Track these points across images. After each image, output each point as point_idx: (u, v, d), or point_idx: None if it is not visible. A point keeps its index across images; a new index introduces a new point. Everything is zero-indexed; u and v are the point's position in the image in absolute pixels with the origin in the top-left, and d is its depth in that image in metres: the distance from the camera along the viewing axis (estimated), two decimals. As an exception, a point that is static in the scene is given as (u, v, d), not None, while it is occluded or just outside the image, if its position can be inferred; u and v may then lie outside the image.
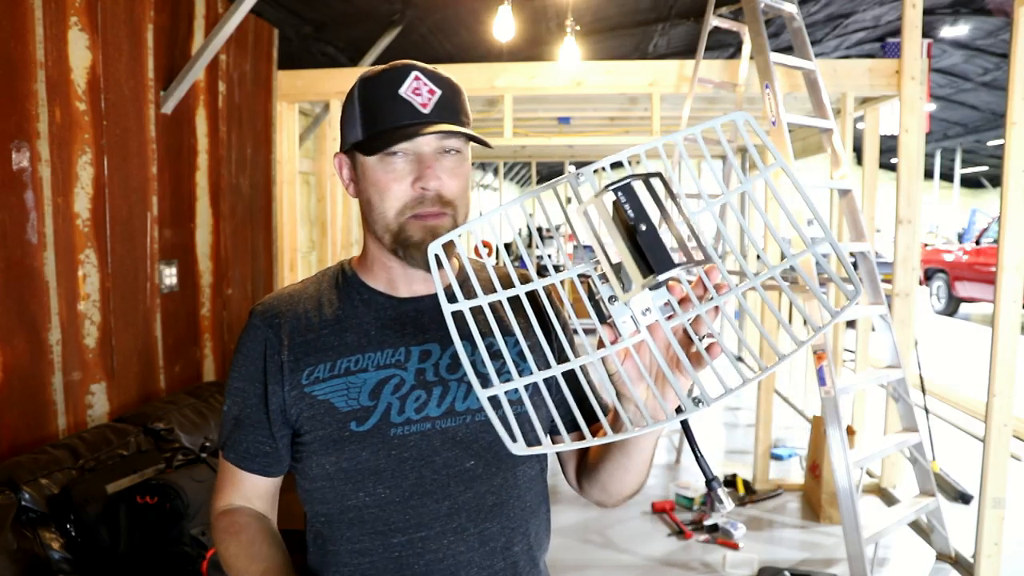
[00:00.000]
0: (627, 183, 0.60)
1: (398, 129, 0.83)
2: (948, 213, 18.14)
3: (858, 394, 3.72)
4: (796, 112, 3.86)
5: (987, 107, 11.14)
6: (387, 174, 0.84)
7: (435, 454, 0.85)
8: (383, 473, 0.84)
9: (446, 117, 0.85)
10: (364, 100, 0.86)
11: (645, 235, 0.58)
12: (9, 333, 2.07)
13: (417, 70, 0.85)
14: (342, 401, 0.85)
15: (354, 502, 0.85)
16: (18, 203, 2.10)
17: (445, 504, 0.85)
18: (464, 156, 0.88)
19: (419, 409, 0.86)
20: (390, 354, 0.88)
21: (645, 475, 0.91)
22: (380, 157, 0.85)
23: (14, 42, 2.06)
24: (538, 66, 3.72)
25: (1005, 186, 2.41)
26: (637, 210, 0.58)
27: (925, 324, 8.61)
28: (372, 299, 0.92)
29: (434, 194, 0.84)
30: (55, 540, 1.83)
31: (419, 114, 0.84)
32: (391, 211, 0.85)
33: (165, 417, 2.46)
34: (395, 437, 0.85)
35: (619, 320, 0.65)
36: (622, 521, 3.27)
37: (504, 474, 0.89)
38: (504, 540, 0.88)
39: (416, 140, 0.83)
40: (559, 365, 0.64)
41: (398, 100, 0.84)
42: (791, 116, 2.83)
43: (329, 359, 0.87)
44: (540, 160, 7.76)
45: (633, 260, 0.58)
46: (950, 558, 2.83)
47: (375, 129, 0.85)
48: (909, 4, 3.13)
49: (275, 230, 3.81)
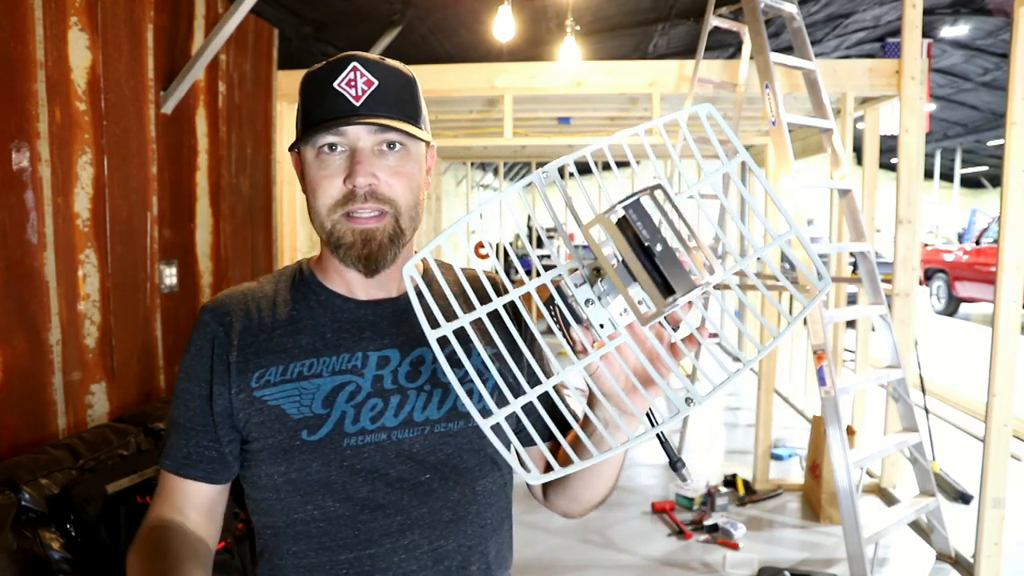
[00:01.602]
0: (637, 200, 0.58)
1: (324, 122, 0.79)
2: (948, 213, 18.14)
3: (858, 394, 3.72)
4: (796, 112, 3.86)
5: (987, 107, 11.14)
6: (320, 171, 0.81)
7: (389, 467, 0.80)
8: (333, 486, 0.79)
9: (381, 110, 0.80)
10: (303, 94, 0.84)
11: (663, 256, 0.57)
12: (9, 333, 2.07)
13: (357, 60, 0.81)
14: (294, 408, 0.80)
15: (301, 515, 0.80)
16: (18, 203, 2.10)
17: (397, 520, 0.80)
18: (409, 152, 0.83)
19: (375, 419, 0.81)
20: (346, 359, 0.83)
21: (616, 479, 0.88)
22: (316, 154, 0.81)
23: (14, 42, 2.06)
24: (538, 66, 3.72)
25: (1005, 186, 2.41)
26: (651, 229, 0.57)
27: (925, 324, 8.61)
28: (329, 301, 0.87)
29: (365, 191, 0.79)
30: (55, 540, 1.83)
31: (350, 106, 0.79)
32: (323, 209, 0.81)
33: (165, 417, 2.46)
34: (348, 448, 0.80)
35: (596, 323, 0.63)
36: (622, 521, 3.27)
37: (462, 488, 0.84)
38: (460, 559, 0.83)
39: (350, 135, 0.80)
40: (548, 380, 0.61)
41: (331, 93, 0.80)
42: (791, 116, 2.83)
43: (281, 362, 0.82)
44: (540, 160, 7.76)
45: (651, 281, 0.57)
46: (950, 558, 2.83)
47: (307, 123, 0.82)
48: (909, 4, 3.13)
49: (275, 230, 3.81)
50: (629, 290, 0.59)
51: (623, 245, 0.58)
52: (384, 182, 0.81)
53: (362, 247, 0.81)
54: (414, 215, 0.84)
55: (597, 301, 0.63)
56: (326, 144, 0.80)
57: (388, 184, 0.81)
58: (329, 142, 0.80)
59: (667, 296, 0.57)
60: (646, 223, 0.58)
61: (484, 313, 0.62)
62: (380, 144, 0.81)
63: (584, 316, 0.63)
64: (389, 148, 0.81)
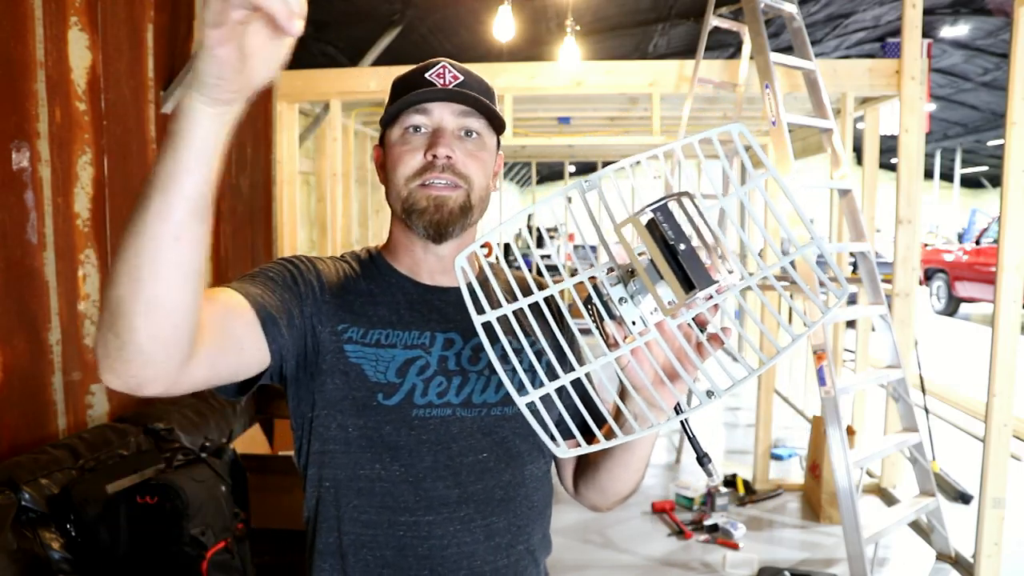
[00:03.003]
0: (664, 204, 0.64)
1: (413, 103, 0.86)
2: (948, 213, 18.14)
3: (858, 394, 3.72)
4: (796, 112, 3.85)
5: (987, 107, 11.15)
6: (403, 146, 0.88)
7: (452, 440, 0.85)
8: (401, 450, 0.84)
9: (465, 96, 0.87)
10: (394, 89, 0.91)
11: (685, 254, 0.63)
12: (9, 333, 2.07)
13: (446, 61, 0.89)
14: (371, 370, 0.85)
15: (367, 472, 0.84)
16: (18, 203, 2.10)
17: (455, 492, 0.85)
18: (484, 142, 0.90)
19: (440, 395, 0.86)
20: (416, 336, 0.88)
21: (643, 473, 0.92)
22: (401, 133, 0.88)
23: (14, 42, 2.06)
24: (538, 66, 3.72)
25: (1005, 186, 2.41)
26: (676, 230, 0.63)
27: (925, 324, 8.61)
28: (400, 281, 0.92)
29: (443, 162, 0.85)
30: (55, 540, 1.83)
31: (436, 89, 0.87)
32: (401, 179, 0.87)
33: (165, 417, 2.46)
34: (416, 418, 0.85)
35: (628, 320, 0.69)
36: (622, 521, 3.27)
37: (513, 471, 0.89)
38: (509, 537, 0.88)
39: (435, 115, 0.87)
40: (582, 367, 0.66)
41: (421, 81, 0.88)
42: (791, 116, 2.83)
43: (362, 325, 0.87)
44: (540, 160, 7.76)
45: (675, 276, 0.63)
46: (950, 558, 2.83)
47: (395, 107, 0.88)
48: (909, 4, 3.13)
49: (275, 230, 3.81)
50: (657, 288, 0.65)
51: (650, 244, 0.64)
52: (461, 160, 0.87)
53: (434, 212, 0.86)
54: (484, 196, 0.90)
55: (630, 299, 0.68)
56: (412, 125, 0.88)
57: (464, 163, 0.87)
58: (415, 123, 0.87)
59: (688, 291, 0.62)
60: (671, 224, 0.63)
61: (526, 304, 0.66)
62: (460, 129, 0.88)
63: (618, 313, 0.69)
64: (467, 135, 0.88)
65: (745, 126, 0.66)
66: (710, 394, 0.64)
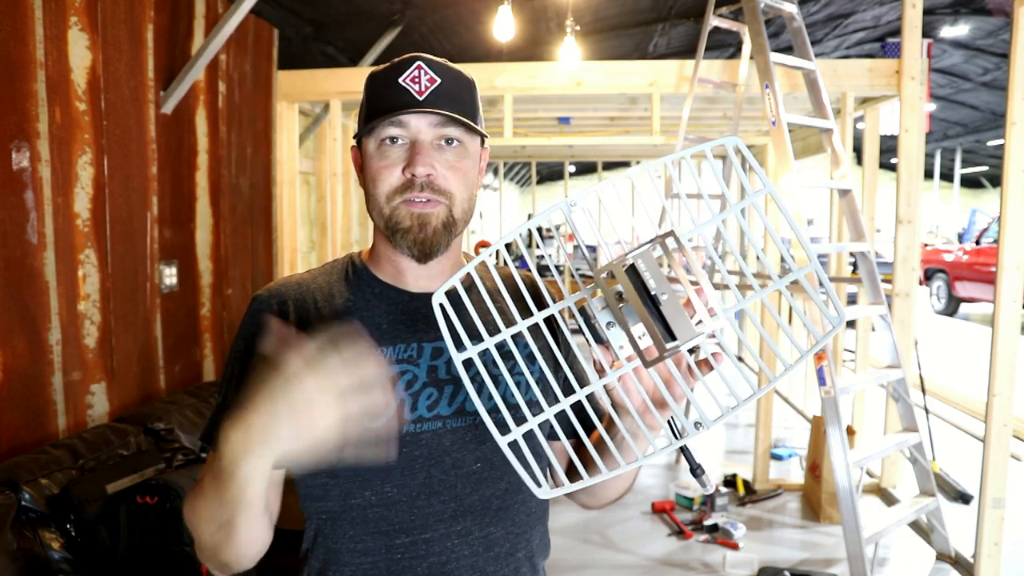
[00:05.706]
0: (646, 251, 0.63)
1: (388, 112, 0.83)
2: (948, 213, 18.15)
3: (858, 394, 3.72)
4: (796, 112, 3.86)
5: (987, 107, 11.15)
6: (381, 161, 0.85)
7: (445, 454, 0.84)
8: (392, 471, 0.82)
9: (442, 105, 0.83)
10: (368, 91, 0.87)
11: (668, 305, 0.62)
12: (9, 333, 2.07)
13: (421, 60, 0.85)
14: None
15: (359, 501, 0.83)
16: (18, 203, 2.10)
17: (451, 506, 0.84)
18: (466, 149, 0.87)
19: (431, 407, 0.84)
20: (402, 349, 0.86)
21: (634, 479, 0.92)
22: (377, 145, 0.85)
23: (14, 42, 2.06)
24: (538, 66, 3.72)
25: (1005, 186, 2.41)
26: (658, 278, 0.62)
27: (925, 324, 8.61)
28: (384, 292, 0.90)
29: (423, 180, 0.83)
30: (55, 540, 1.84)
31: (413, 100, 0.83)
32: (382, 196, 0.85)
33: (165, 417, 2.47)
34: (407, 434, 0.83)
35: (615, 344, 0.67)
36: (622, 521, 3.27)
37: (509, 479, 0.88)
38: (508, 546, 0.87)
39: (411, 127, 0.83)
40: (567, 399, 0.65)
41: (395, 88, 0.83)
42: (791, 116, 2.83)
43: None
44: (540, 160, 7.76)
45: (655, 327, 0.63)
46: (950, 558, 2.83)
47: (371, 115, 0.85)
48: (909, 4, 3.13)
49: (275, 230, 3.81)
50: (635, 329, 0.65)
51: (631, 293, 0.63)
52: (441, 174, 0.84)
53: (419, 231, 0.84)
54: (467, 208, 0.88)
55: (617, 324, 0.67)
56: (388, 137, 0.84)
57: (445, 177, 0.84)
58: (391, 135, 0.84)
59: (668, 342, 0.62)
60: (654, 273, 0.62)
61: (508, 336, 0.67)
62: (439, 139, 0.85)
63: (605, 337, 0.67)
64: (447, 144, 0.85)
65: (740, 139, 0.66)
66: (698, 425, 0.64)
